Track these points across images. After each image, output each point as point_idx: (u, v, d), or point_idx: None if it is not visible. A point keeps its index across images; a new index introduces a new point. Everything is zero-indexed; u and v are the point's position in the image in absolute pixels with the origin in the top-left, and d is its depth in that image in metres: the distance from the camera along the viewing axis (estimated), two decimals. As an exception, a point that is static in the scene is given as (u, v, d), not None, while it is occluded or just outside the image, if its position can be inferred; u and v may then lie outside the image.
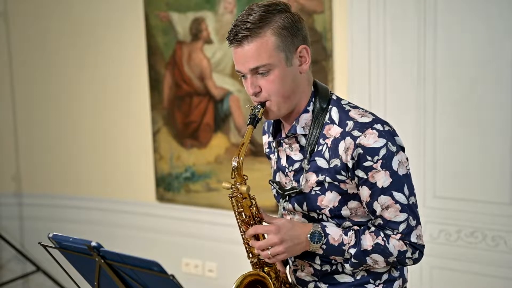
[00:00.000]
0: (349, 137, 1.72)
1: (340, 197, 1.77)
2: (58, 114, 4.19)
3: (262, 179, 1.80)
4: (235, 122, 3.57)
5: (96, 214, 4.13)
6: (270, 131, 1.94)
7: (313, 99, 1.81)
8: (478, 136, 2.91)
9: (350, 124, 1.73)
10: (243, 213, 1.81)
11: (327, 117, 1.78)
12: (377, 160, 1.70)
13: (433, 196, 3.02)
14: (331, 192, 1.76)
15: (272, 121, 1.91)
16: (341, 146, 1.73)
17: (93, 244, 1.58)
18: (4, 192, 4.35)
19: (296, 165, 1.82)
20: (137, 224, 4.00)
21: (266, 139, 2.02)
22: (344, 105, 1.80)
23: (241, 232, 1.85)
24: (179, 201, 3.83)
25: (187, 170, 3.77)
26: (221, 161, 3.65)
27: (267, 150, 2.01)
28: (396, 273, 1.86)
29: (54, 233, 1.71)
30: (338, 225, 1.80)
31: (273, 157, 1.94)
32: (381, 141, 1.70)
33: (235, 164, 1.75)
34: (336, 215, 1.79)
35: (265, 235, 1.79)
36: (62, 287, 4.21)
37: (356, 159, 1.70)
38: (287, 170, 1.85)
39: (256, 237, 1.81)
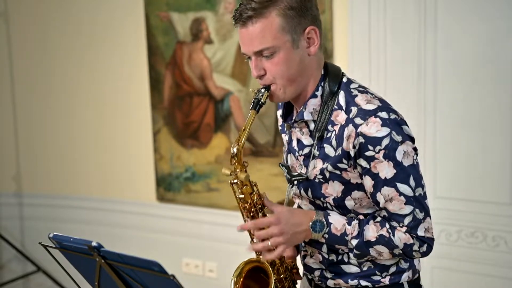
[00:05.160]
0: (351, 125, 1.64)
1: (343, 186, 1.71)
2: (58, 114, 4.19)
3: (263, 180, 1.77)
4: (236, 122, 3.57)
5: (96, 214, 4.12)
6: (281, 113, 1.87)
7: (322, 83, 1.73)
8: (478, 136, 2.91)
9: (354, 110, 1.65)
10: (244, 200, 1.76)
11: (335, 102, 1.70)
12: (379, 150, 1.62)
13: (434, 196, 3.02)
14: (333, 181, 1.71)
15: None
16: (345, 133, 1.65)
17: (94, 244, 1.58)
18: (4, 192, 4.34)
19: (306, 150, 1.76)
20: (137, 224, 4.00)
21: (280, 114, 1.93)
22: (352, 89, 1.71)
23: (244, 219, 1.80)
24: (180, 201, 3.83)
25: (187, 170, 3.77)
26: (222, 161, 3.65)
27: (280, 127, 1.95)
28: (405, 265, 1.79)
29: (55, 233, 1.71)
30: (343, 215, 1.74)
31: (285, 137, 1.88)
32: (384, 130, 1.61)
33: (234, 150, 1.71)
34: (340, 205, 1.73)
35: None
36: (62, 287, 4.21)
37: (357, 148, 1.63)
38: (297, 154, 1.79)
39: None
